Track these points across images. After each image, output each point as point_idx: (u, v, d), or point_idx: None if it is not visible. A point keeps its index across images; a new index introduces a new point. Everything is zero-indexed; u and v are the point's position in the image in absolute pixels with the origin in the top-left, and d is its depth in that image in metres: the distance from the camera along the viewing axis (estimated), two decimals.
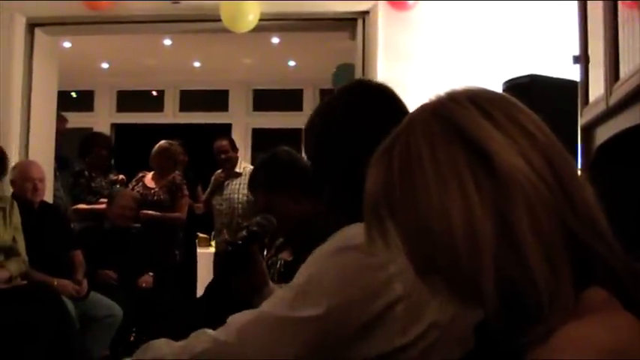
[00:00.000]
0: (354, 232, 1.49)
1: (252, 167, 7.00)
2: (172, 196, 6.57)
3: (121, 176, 7.03)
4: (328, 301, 1.41)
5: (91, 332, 4.98)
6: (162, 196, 6.55)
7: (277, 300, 1.50)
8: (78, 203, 6.49)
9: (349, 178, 1.67)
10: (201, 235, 8.35)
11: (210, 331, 1.53)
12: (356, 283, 1.42)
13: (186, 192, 6.66)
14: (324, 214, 1.79)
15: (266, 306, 1.51)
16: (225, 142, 7.13)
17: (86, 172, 6.58)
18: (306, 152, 1.84)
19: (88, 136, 7.14)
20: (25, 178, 5.11)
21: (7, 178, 5.22)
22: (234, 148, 7.19)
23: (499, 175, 0.99)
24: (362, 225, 1.51)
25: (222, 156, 7.06)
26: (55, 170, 6.33)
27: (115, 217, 6.02)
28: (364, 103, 1.73)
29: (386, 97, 1.76)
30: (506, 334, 1.01)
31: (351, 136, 1.67)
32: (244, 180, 6.53)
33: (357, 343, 1.42)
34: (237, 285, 2.22)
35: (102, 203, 6.37)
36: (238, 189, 6.84)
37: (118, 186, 6.83)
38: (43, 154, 5.91)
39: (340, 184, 1.69)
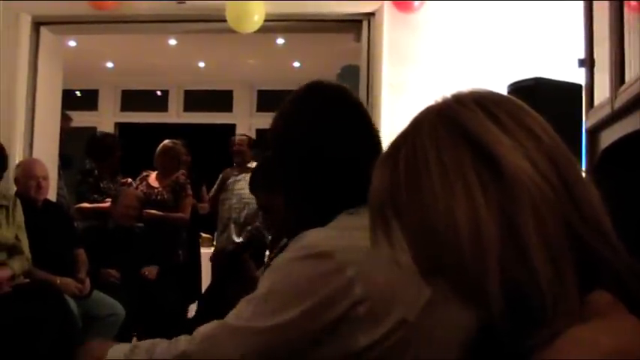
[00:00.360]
0: (313, 239, 1.51)
1: None
2: (176, 195, 6.57)
3: (129, 179, 7.03)
4: (288, 310, 1.43)
5: (94, 331, 4.98)
6: (165, 196, 6.54)
7: (240, 310, 1.53)
8: (82, 202, 6.48)
9: (308, 182, 1.68)
10: (204, 235, 8.36)
11: (181, 341, 1.56)
12: (315, 290, 1.43)
13: (189, 192, 6.66)
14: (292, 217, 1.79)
15: (230, 316, 1.54)
16: (244, 137, 7.31)
17: (96, 172, 6.55)
18: (271, 156, 1.85)
19: (102, 137, 7.11)
20: (28, 176, 5.11)
21: (11, 176, 5.23)
22: (251, 146, 7.27)
23: (505, 177, 0.99)
24: (320, 230, 1.53)
25: (237, 147, 7.15)
26: (59, 168, 6.33)
27: (118, 216, 6.02)
28: (324, 107, 1.74)
29: (345, 100, 1.77)
30: (511, 337, 1.01)
31: (311, 138, 1.69)
32: None
33: (319, 346, 1.44)
34: (233, 292, 2.24)
35: (105, 202, 6.37)
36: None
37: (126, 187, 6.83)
38: (47, 152, 5.92)
39: (300, 188, 1.71)
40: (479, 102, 1.06)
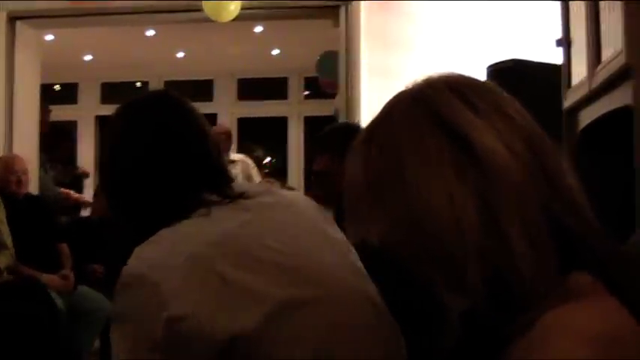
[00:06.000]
0: (130, 261, 1.47)
1: (242, 157, 7.29)
2: None
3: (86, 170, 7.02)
4: (130, 343, 1.38)
5: (81, 325, 4.96)
6: None
7: None
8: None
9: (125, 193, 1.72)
10: None
11: None
12: (133, 315, 1.38)
13: None
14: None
15: None
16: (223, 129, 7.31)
17: (47, 164, 6.47)
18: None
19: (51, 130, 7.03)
20: (8, 172, 5.07)
21: None
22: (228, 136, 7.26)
23: (480, 161, 0.98)
24: (141, 247, 1.48)
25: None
26: (44, 163, 6.28)
27: (100, 209, 6.00)
28: (130, 123, 1.70)
29: (149, 115, 1.71)
30: (493, 322, 1.00)
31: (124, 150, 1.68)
32: (240, 166, 6.98)
33: None
34: None
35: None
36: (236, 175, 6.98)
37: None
38: (27, 147, 5.87)
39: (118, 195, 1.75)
40: (451, 85, 1.05)
